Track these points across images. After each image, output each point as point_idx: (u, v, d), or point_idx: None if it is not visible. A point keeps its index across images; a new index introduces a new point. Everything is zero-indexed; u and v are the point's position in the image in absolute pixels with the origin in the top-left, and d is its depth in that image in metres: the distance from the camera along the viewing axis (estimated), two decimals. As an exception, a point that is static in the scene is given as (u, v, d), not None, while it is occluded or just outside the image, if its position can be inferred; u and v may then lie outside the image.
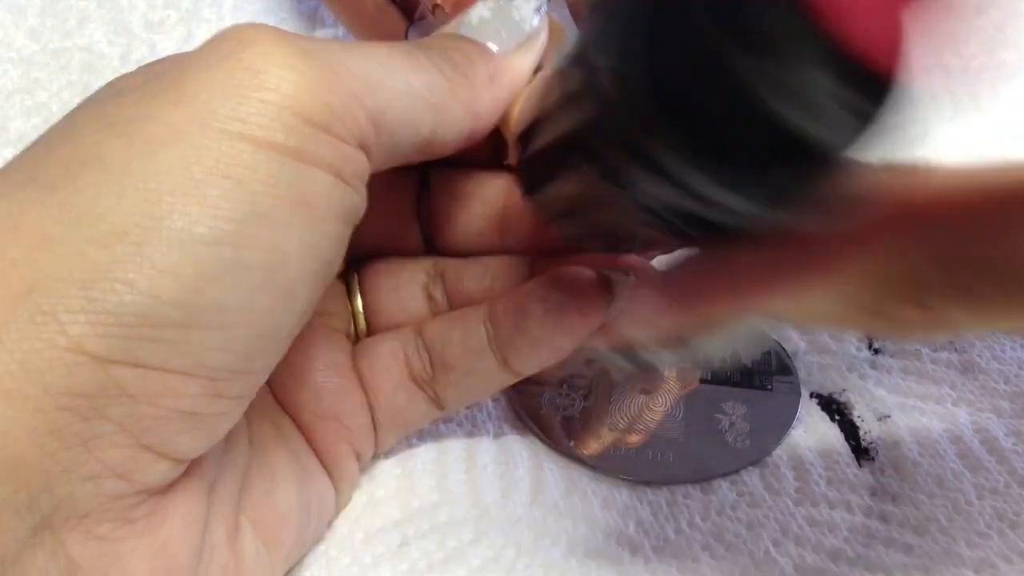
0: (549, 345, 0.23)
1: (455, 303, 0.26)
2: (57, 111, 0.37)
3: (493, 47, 0.23)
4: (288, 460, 0.23)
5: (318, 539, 0.25)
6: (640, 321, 0.22)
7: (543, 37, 0.23)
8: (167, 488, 0.19)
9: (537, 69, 0.24)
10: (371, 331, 0.26)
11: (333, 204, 0.18)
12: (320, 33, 0.41)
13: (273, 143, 0.17)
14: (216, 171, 0.17)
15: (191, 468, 0.19)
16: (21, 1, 0.40)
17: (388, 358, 0.25)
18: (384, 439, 0.26)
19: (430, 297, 0.26)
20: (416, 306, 0.26)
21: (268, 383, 0.23)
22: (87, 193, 0.17)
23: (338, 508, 0.26)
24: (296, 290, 0.18)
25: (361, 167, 0.19)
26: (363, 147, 0.19)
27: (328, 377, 0.24)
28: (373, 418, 0.25)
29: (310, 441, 0.24)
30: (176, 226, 0.16)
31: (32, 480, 0.16)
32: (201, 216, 0.17)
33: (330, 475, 0.25)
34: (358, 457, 0.25)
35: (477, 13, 0.23)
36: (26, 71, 0.39)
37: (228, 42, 0.18)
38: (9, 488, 0.16)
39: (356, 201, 0.19)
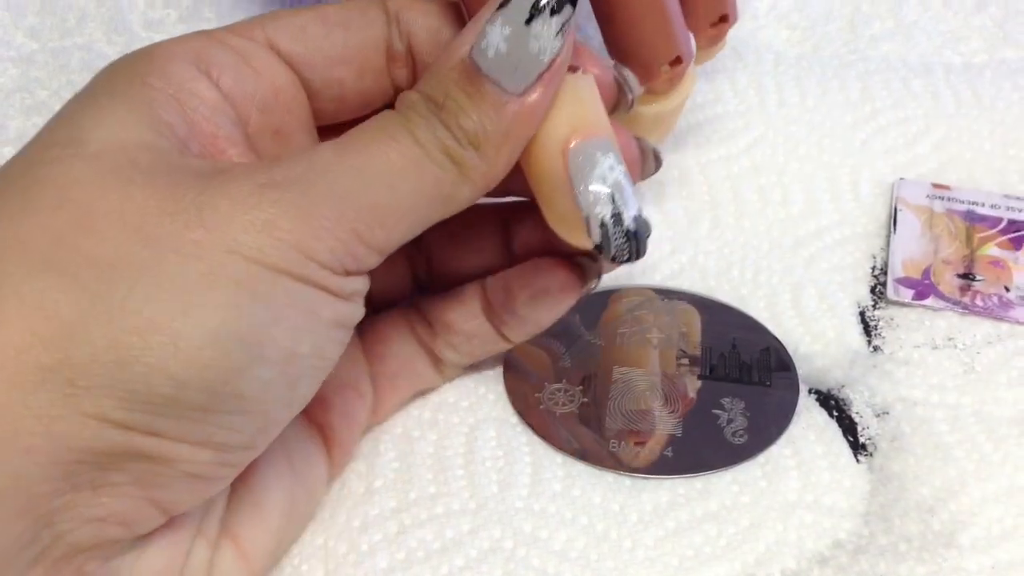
0: (535, 322, 0.27)
1: (440, 275, 0.29)
2: (57, 109, 0.37)
3: (508, 87, 0.21)
4: (277, 460, 0.24)
5: (311, 526, 0.26)
6: None
7: (563, 64, 0.22)
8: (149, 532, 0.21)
9: (572, 69, 0.22)
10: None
11: (338, 316, 0.21)
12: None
13: (289, 272, 0.19)
14: (242, 285, 0.19)
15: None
16: None
17: (392, 320, 0.28)
18: (387, 401, 0.28)
19: (414, 274, 0.29)
20: (401, 270, 0.29)
21: None
22: (120, 290, 0.18)
23: (331, 479, 0.27)
24: (301, 383, 0.21)
25: (363, 287, 0.21)
26: (364, 272, 0.21)
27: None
28: (375, 381, 0.27)
29: (316, 416, 0.25)
30: (209, 325, 0.18)
31: (40, 518, 0.18)
32: (230, 318, 0.19)
33: (329, 448, 0.26)
34: (364, 425, 0.27)
35: (492, 44, 0.21)
36: (25, 70, 0.39)
37: (249, 184, 0.20)
38: (20, 526, 0.18)
39: (357, 312, 0.22)
